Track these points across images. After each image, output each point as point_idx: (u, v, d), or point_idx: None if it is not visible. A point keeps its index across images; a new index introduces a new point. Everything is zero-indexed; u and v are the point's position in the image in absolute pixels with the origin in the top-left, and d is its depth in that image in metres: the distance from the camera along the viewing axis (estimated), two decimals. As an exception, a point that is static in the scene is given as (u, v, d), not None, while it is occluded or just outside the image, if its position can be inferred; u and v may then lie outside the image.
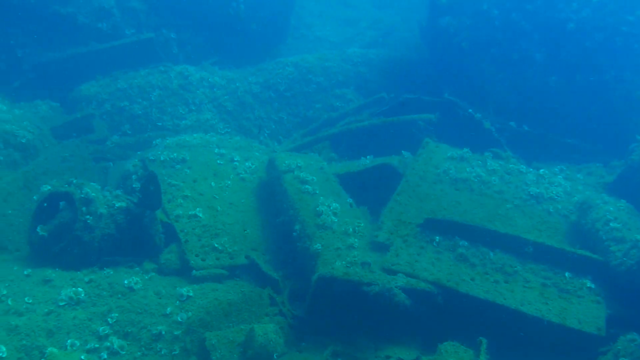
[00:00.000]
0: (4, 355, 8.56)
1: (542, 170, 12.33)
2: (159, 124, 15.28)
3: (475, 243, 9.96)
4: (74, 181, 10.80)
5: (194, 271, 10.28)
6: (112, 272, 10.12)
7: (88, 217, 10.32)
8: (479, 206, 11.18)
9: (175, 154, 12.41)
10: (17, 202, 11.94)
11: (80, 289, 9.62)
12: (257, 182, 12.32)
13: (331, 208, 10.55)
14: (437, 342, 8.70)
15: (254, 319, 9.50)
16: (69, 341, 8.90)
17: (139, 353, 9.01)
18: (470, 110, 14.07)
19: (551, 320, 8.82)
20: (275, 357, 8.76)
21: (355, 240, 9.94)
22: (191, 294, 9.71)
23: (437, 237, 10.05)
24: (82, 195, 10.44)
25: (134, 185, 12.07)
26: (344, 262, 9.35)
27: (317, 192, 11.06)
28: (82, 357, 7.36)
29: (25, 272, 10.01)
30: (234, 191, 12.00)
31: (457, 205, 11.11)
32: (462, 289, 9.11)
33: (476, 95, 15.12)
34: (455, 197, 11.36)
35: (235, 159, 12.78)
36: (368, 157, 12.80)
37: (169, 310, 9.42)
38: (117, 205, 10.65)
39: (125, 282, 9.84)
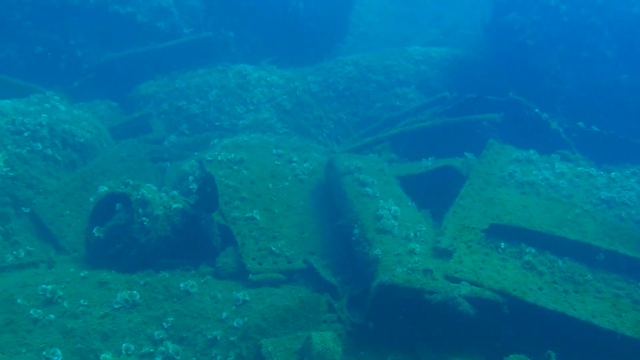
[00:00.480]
0: (59, 359, 8.46)
1: (613, 173, 11.76)
2: (217, 123, 15.13)
3: (542, 250, 9.49)
4: (131, 182, 10.68)
5: (250, 275, 10.06)
6: (167, 275, 9.96)
7: (144, 218, 10.18)
8: (547, 211, 10.68)
9: (232, 155, 12.21)
10: (75, 203, 11.89)
11: (135, 292, 9.48)
12: (316, 184, 12.04)
13: (391, 211, 10.21)
14: (502, 355, 8.27)
15: (312, 325, 9.21)
16: (123, 345, 8.77)
17: (193, 359, 8.82)
18: (536, 110, 13.55)
19: (625, 334, 8.30)
20: (332, 366, 8.48)
21: (417, 245, 9.58)
22: (247, 299, 9.49)
23: (503, 244, 9.61)
24: (139, 197, 10.31)
25: (190, 187, 11.93)
26: (404, 269, 9.00)
27: (377, 194, 10.72)
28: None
29: (82, 274, 9.91)
30: (291, 193, 11.75)
31: (524, 210, 10.64)
32: (530, 299, 8.65)
33: (542, 95, 14.57)
34: (522, 201, 10.89)
35: (294, 160, 12.53)
36: (430, 158, 12.42)
37: (224, 315, 9.21)
38: (173, 206, 10.49)
39: (181, 285, 9.68)
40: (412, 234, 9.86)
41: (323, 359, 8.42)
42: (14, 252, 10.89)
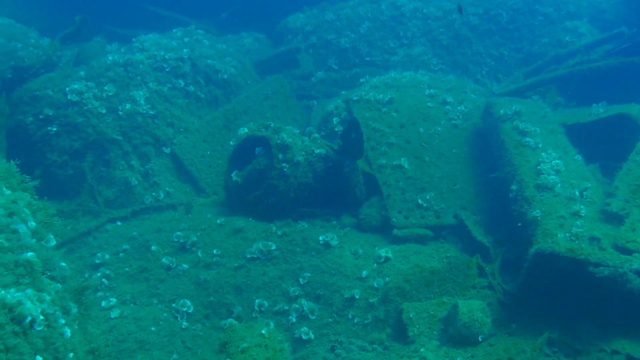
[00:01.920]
0: (189, 311, 8.14)
1: None
2: (367, 59, 14.26)
3: None
4: (272, 125, 10.13)
5: (395, 230, 9.36)
6: (306, 226, 9.42)
7: (284, 164, 9.63)
8: None
9: (381, 95, 11.37)
10: (217, 143, 11.52)
11: (271, 243, 9.01)
12: (471, 130, 11.04)
13: (554, 165, 9.11)
14: (680, 343, 7.22)
15: (459, 291, 8.42)
16: (257, 301, 8.35)
17: (329, 319, 8.27)
18: None
19: None
20: (480, 339, 7.68)
21: (582, 207, 8.47)
22: (390, 256, 8.81)
23: (686, 210, 8.36)
24: (279, 141, 9.75)
25: (335, 129, 11.27)
26: (567, 235, 7.98)
27: (539, 145, 9.61)
28: (263, 331, 6.67)
29: (218, 221, 9.54)
30: (444, 139, 10.82)
31: None
32: None
33: None
34: None
35: (448, 101, 11.52)
36: (601, 104, 11.04)
37: (364, 273, 8.57)
38: (315, 152, 9.87)
39: (321, 238, 9.11)
40: (577, 193, 8.74)
41: (469, 331, 7.65)
42: (153, 194, 10.69)
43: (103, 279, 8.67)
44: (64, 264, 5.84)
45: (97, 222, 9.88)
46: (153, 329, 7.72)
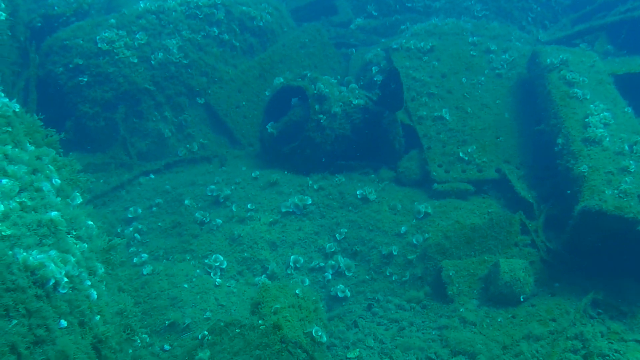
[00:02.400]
0: (223, 266, 7.94)
1: None
2: (408, 5, 13.68)
3: None
4: (308, 74, 9.80)
5: (435, 184, 9.03)
6: (343, 180, 9.14)
7: (321, 116, 9.32)
8: None
9: (422, 43, 10.94)
10: (252, 93, 11.20)
11: (308, 198, 8.75)
12: (516, 80, 10.56)
13: (603, 118, 8.64)
14: None
15: (500, 249, 8.10)
16: (292, 257, 8.11)
17: (366, 276, 8.03)
18: None
19: None
20: (521, 299, 7.38)
21: (632, 162, 8.00)
22: (430, 212, 8.50)
23: None
24: (316, 92, 9.43)
25: (374, 78, 10.87)
26: (615, 192, 7.55)
27: (587, 96, 9.12)
28: (297, 290, 6.44)
29: (253, 175, 9.30)
30: (487, 90, 10.37)
31: None
32: None
33: None
34: None
35: (492, 50, 11.01)
36: (654, 52, 10.49)
37: (403, 229, 8.29)
38: (354, 103, 9.54)
39: (358, 192, 8.83)
40: (626, 148, 8.27)
41: (511, 291, 7.36)
42: (187, 146, 10.45)
43: (135, 234, 8.50)
44: (90, 222, 5.64)
45: (130, 175, 9.69)
46: (186, 285, 7.54)
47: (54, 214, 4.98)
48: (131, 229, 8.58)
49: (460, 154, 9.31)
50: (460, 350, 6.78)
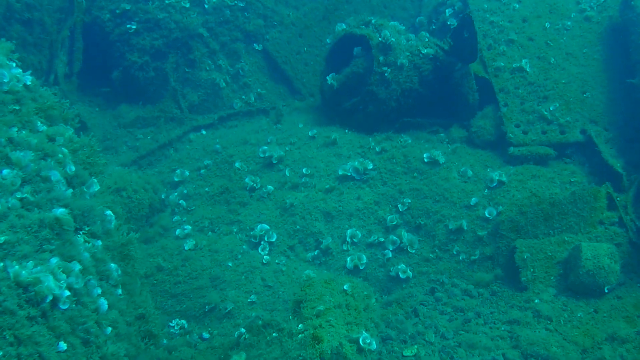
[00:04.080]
0: (272, 239, 7.28)
1: None
2: None
3: None
4: (373, 21, 8.88)
5: (511, 148, 8.11)
6: (409, 141, 8.32)
7: (386, 68, 8.46)
8: None
9: (502, -18, 9.84)
10: (315, 38, 10.35)
11: (368, 162, 7.98)
12: (607, 24, 9.35)
13: None
14: None
15: (583, 227, 7.15)
16: (349, 231, 7.42)
17: (431, 254, 7.27)
18: None
19: None
20: (606, 290, 6.52)
21: None
22: (504, 180, 7.61)
23: None
24: (380, 39, 8.53)
25: (448, 22, 9.85)
26: None
27: (691, 48, 7.99)
28: (346, 286, 5.73)
29: (310, 133, 8.56)
30: (573, 36, 9.23)
31: None
32: None
33: None
34: None
35: (581, -11, 9.85)
36: None
37: (473, 200, 7.46)
38: (423, 52, 8.63)
39: (425, 155, 7.98)
40: None
41: (593, 280, 6.52)
42: (243, 97, 9.74)
43: (181, 200, 7.90)
44: (109, 212, 4.99)
45: (180, 130, 9.07)
46: (230, 264, 6.95)
47: (60, 211, 4.32)
48: (176, 194, 7.99)
49: (543, 112, 8.31)
50: (532, 353, 5.98)
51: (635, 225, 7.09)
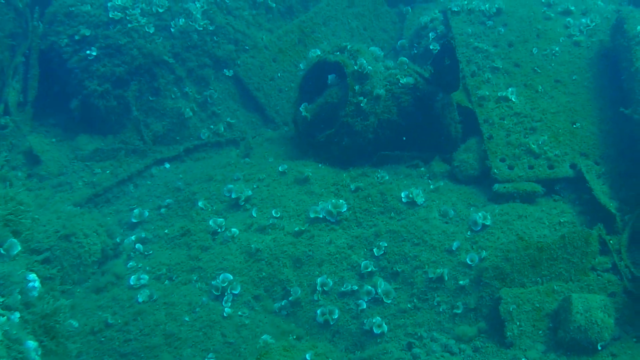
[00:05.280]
0: (235, 292, 6.66)
1: None
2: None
3: None
4: (348, 46, 8.31)
5: (495, 185, 7.52)
6: (387, 177, 7.74)
7: (361, 98, 7.90)
8: None
9: (487, 5, 9.30)
10: (289, 62, 9.78)
11: (342, 202, 7.37)
12: (597, 50, 8.81)
13: None
14: None
15: (573, 274, 6.57)
16: (319, 279, 6.80)
17: (409, 304, 6.67)
18: None
19: None
20: (599, 347, 5.93)
21: None
22: (488, 223, 7.02)
23: None
24: (356, 68, 7.97)
25: (430, 47, 9.31)
26: None
27: (687, 75, 7.43)
28: (308, 356, 5.12)
29: (281, 169, 7.96)
30: (562, 62, 8.68)
31: None
32: None
33: None
34: None
35: (570, 11, 9.26)
36: None
37: (455, 244, 6.87)
38: (402, 81, 8.06)
39: (403, 194, 7.41)
40: None
41: (586, 336, 5.97)
42: (212, 126, 9.14)
43: (137, 245, 7.26)
44: (33, 276, 4.35)
45: (141, 164, 8.43)
46: (187, 318, 6.33)
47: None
48: (133, 237, 7.34)
49: (531, 145, 7.73)
50: None
51: (630, 272, 6.50)
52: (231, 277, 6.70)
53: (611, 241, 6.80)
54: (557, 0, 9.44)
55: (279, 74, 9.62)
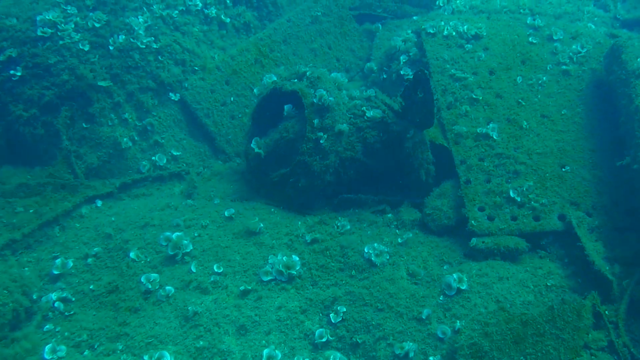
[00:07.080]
0: (169, 364, 5.62)
1: None
2: (452, -34, 10.95)
3: None
4: (308, 73, 7.33)
5: (473, 239, 6.54)
6: (347, 226, 6.79)
7: (321, 134, 6.91)
8: None
9: (466, 26, 8.36)
10: (244, 85, 8.95)
11: (296, 259, 6.35)
12: (589, 79, 7.90)
13: None
14: None
15: (563, 353, 5.57)
16: (265, 351, 5.75)
17: (369, 385, 5.66)
18: None
19: None
20: None
21: None
22: (464, 287, 6.03)
23: None
24: (316, 100, 6.96)
25: (402, 72, 8.33)
26: None
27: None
28: None
29: (227, 214, 6.93)
30: (550, 94, 7.77)
31: None
32: None
33: None
34: None
35: (557, 37, 8.34)
36: None
37: (425, 312, 5.89)
38: (368, 115, 7.06)
39: (366, 250, 6.42)
40: None
41: None
42: (154, 158, 8.08)
43: (57, 303, 6.19)
44: None
45: (69, 203, 7.33)
46: (103, 405, 5.28)
47: None
48: (53, 295, 6.26)
49: (512, 194, 6.78)
50: None
51: (629, 352, 5.55)
52: (167, 356, 5.64)
53: (607, 312, 5.85)
54: (545, 23, 8.50)
55: (231, 98, 8.60)
